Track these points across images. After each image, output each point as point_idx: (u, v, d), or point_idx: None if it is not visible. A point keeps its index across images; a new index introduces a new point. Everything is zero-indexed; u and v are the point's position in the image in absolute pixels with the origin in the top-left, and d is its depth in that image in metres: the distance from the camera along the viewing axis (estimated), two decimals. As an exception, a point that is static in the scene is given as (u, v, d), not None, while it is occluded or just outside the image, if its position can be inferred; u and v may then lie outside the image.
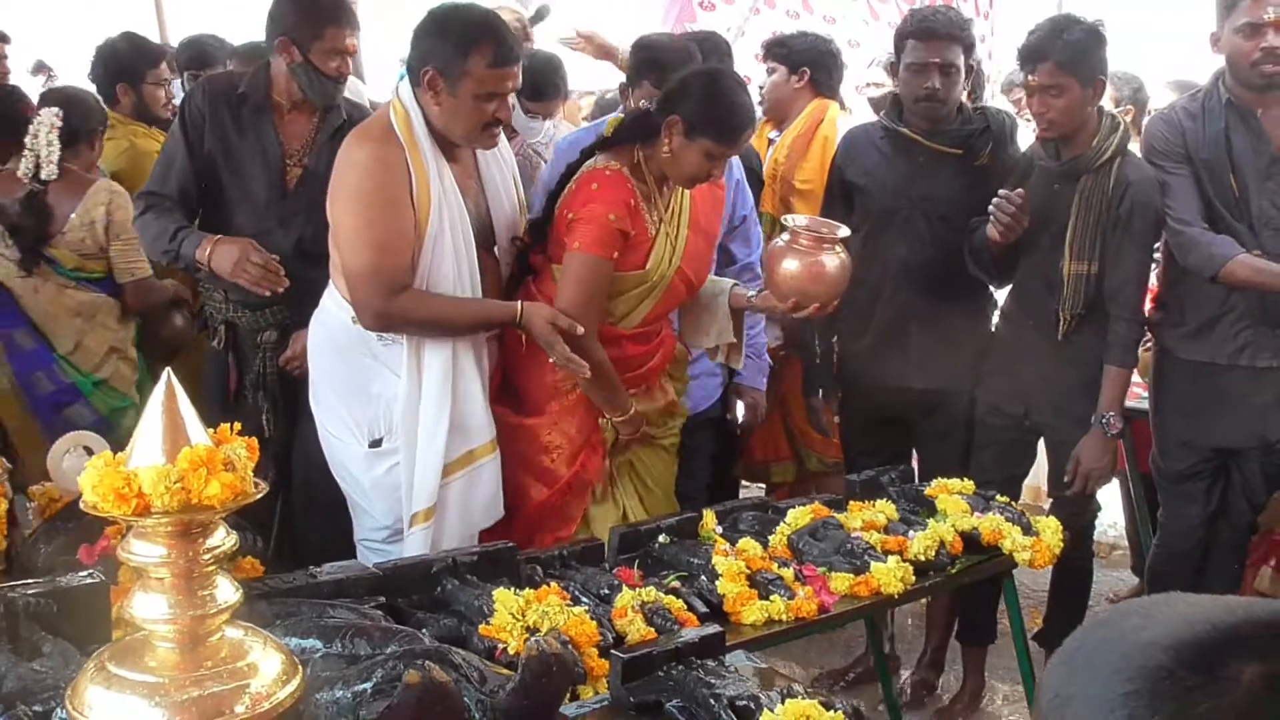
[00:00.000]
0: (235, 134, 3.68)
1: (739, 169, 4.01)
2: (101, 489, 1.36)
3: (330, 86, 3.64)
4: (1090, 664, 0.94)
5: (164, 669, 1.43)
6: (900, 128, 3.86)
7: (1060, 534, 3.13)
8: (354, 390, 3.27)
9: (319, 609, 2.18)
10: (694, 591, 2.60)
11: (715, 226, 3.58)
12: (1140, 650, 0.91)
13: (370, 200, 3.09)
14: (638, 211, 3.27)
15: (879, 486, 3.30)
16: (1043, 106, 3.54)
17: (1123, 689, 0.89)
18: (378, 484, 3.26)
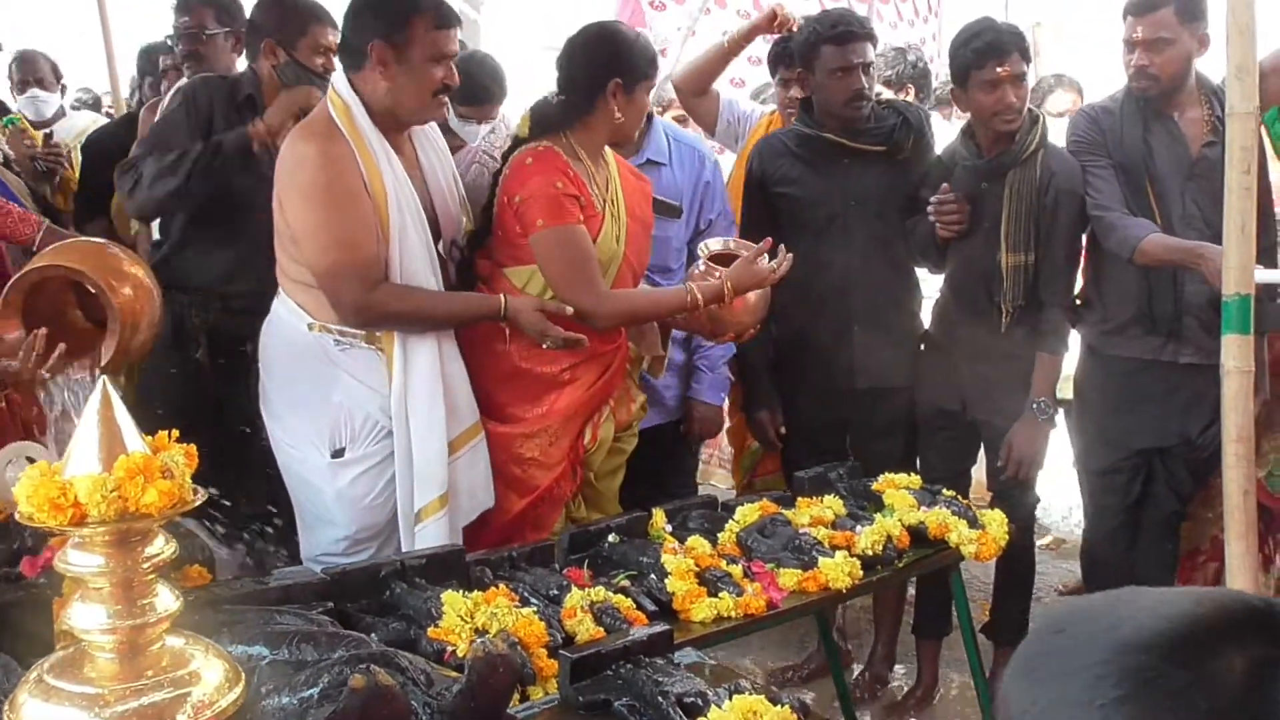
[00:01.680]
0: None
1: (709, 171, 3.98)
2: (36, 499, 1.35)
3: (320, 84, 3.60)
4: (1064, 671, 0.90)
5: (103, 679, 1.42)
6: (824, 133, 3.87)
7: (1005, 526, 3.17)
8: (313, 400, 3.16)
9: (266, 615, 2.17)
10: (643, 590, 2.61)
11: (648, 214, 3.52)
12: (1120, 652, 0.88)
13: (325, 198, 3.02)
14: (580, 181, 3.23)
15: (826, 483, 3.32)
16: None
17: (1111, 694, 0.86)
18: (341, 495, 3.16)
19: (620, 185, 3.38)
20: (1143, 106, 3.62)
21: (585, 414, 3.35)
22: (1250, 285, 2.86)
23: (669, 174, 3.93)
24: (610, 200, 3.32)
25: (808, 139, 3.90)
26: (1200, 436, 3.66)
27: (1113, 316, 3.74)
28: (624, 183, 3.40)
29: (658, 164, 3.93)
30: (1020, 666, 0.95)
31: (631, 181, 3.46)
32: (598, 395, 3.36)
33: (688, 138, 4.08)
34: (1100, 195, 3.61)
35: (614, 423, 3.44)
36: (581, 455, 3.38)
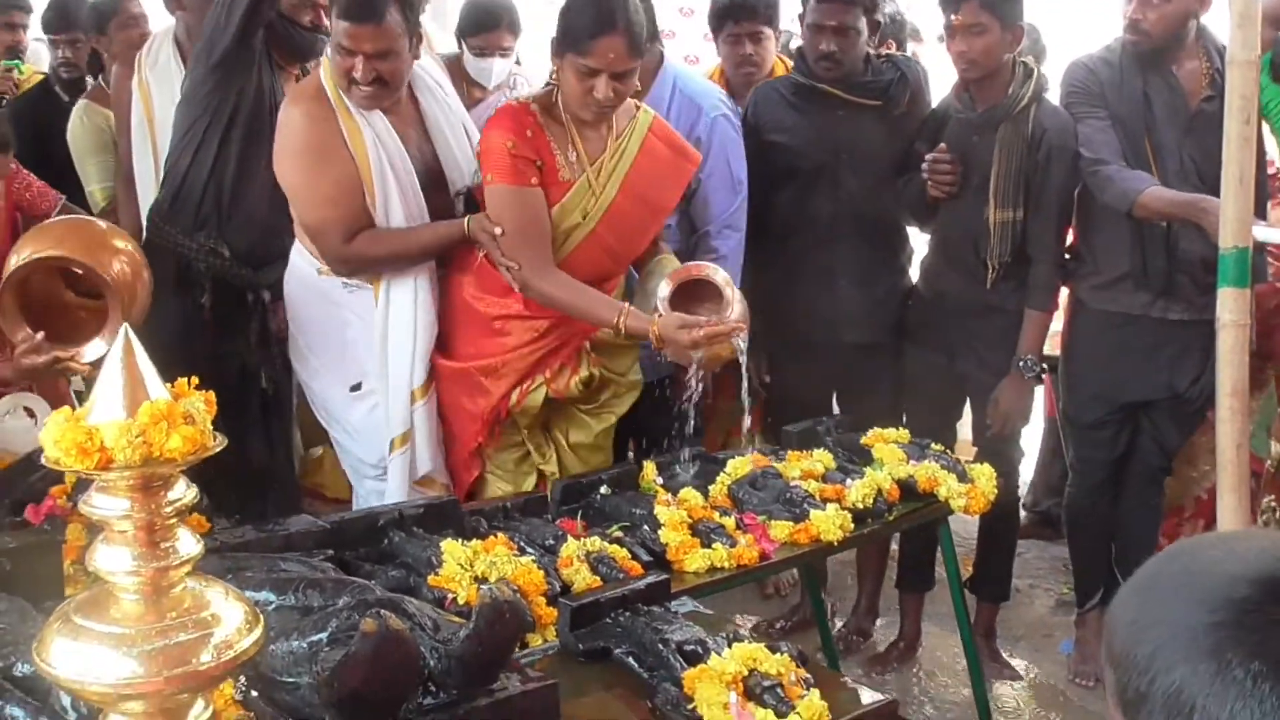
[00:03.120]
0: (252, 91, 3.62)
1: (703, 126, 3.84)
2: (64, 444, 1.38)
3: (310, 38, 3.67)
4: (1171, 594, 0.98)
5: (129, 620, 1.46)
6: (817, 84, 3.90)
7: (994, 480, 3.23)
8: (330, 339, 3.48)
9: (270, 562, 2.21)
10: (637, 541, 2.66)
11: (664, 198, 3.43)
12: (1225, 583, 0.95)
13: (304, 158, 3.26)
14: (542, 143, 3.21)
15: (816, 436, 3.37)
16: (964, 45, 3.63)
17: (1208, 619, 0.93)
18: (362, 425, 3.47)
19: (629, 161, 3.31)
20: (1141, 59, 3.65)
21: (514, 374, 3.35)
22: (1248, 238, 2.91)
23: None
24: (597, 172, 3.28)
25: (802, 88, 3.94)
26: (1189, 390, 3.73)
27: (1104, 271, 3.79)
28: (642, 160, 3.32)
29: None
30: (1135, 583, 1.03)
31: (655, 163, 3.36)
32: (529, 358, 3.35)
33: (694, 89, 3.92)
34: (1097, 148, 3.64)
35: (546, 390, 3.37)
36: (504, 415, 3.39)
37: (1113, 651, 1.00)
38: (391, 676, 1.76)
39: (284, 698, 1.87)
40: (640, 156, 3.32)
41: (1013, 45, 3.65)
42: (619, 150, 3.31)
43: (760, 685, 1.99)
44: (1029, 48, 5.23)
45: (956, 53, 3.68)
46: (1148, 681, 0.94)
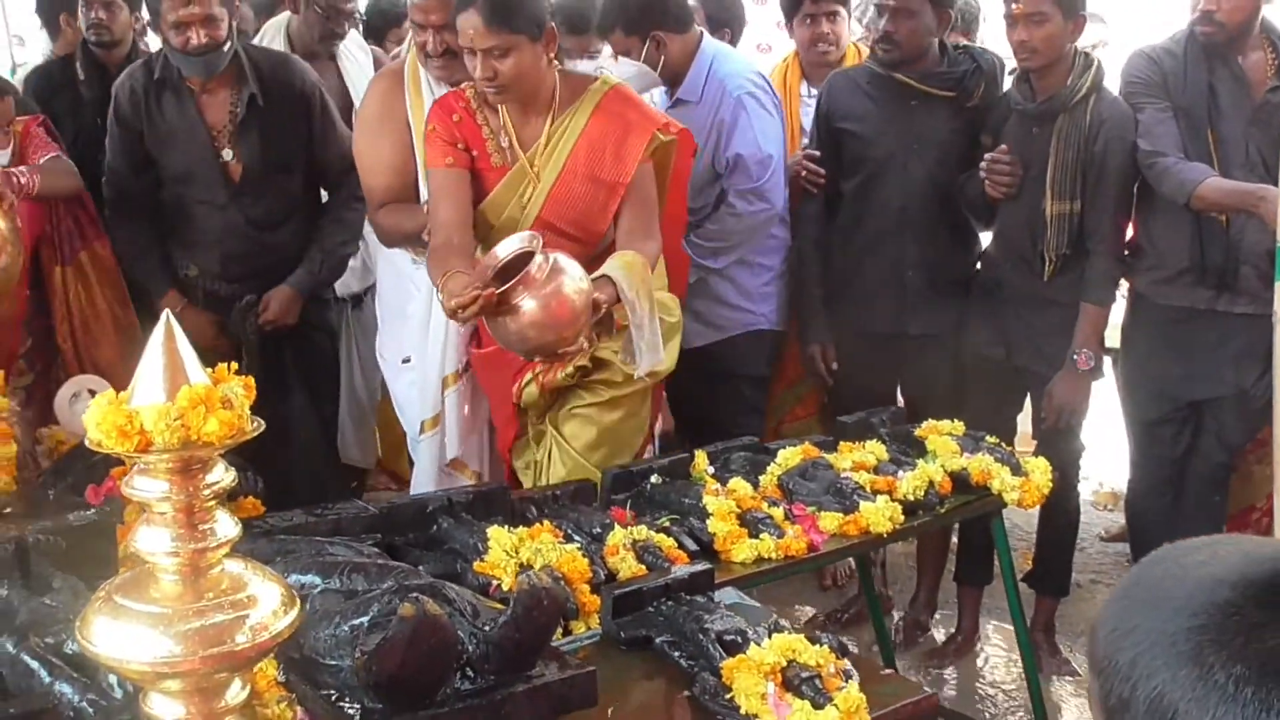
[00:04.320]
0: (161, 119, 3.78)
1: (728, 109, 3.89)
2: (105, 426, 1.42)
3: (194, 62, 3.64)
4: (1152, 599, 0.96)
5: (168, 600, 1.49)
6: (894, 73, 3.88)
7: (1049, 474, 3.20)
8: (394, 308, 3.67)
9: (317, 546, 2.25)
10: (685, 530, 2.67)
11: (619, 171, 3.15)
12: (1205, 586, 0.93)
13: (366, 126, 3.55)
14: (470, 129, 3.16)
15: (869, 428, 3.35)
16: (1025, 34, 3.59)
17: (1188, 623, 0.91)
18: (404, 399, 3.67)
19: (572, 141, 3.15)
20: (1207, 50, 3.59)
21: (509, 365, 3.25)
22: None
23: (696, 111, 3.93)
24: (533, 157, 3.16)
25: (877, 77, 3.92)
26: (1255, 386, 3.66)
27: (1164, 265, 3.73)
28: (589, 137, 3.15)
29: (687, 103, 3.96)
30: (1117, 592, 1.02)
31: (607, 136, 3.15)
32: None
33: (726, 70, 3.95)
34: (1156, 139, 3.59)
35: (536, 386, 3.22)
36: (512, 410, 3.33)
37: (1095, 658, 0.99)
38: (428, 661, 1.78)
39: (326, 680, 1.90)
40: (587, 133, 3.16)
41: (1074, 35, 3.60)
42: (560, 130, 3.16)
43: (799, 676, 1.99)
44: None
45: (1017, 41, 3.64)
46: (1130, 688, 0.93)
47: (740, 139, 3.90)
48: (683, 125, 3.80)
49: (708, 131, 3.92)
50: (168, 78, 3.76)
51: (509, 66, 3.01)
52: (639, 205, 3.17)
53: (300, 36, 4.49)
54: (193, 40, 3.58)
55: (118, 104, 3.83)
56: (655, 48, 3.90)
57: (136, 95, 3.79)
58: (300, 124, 3.88)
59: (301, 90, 3.87)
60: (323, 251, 3.98)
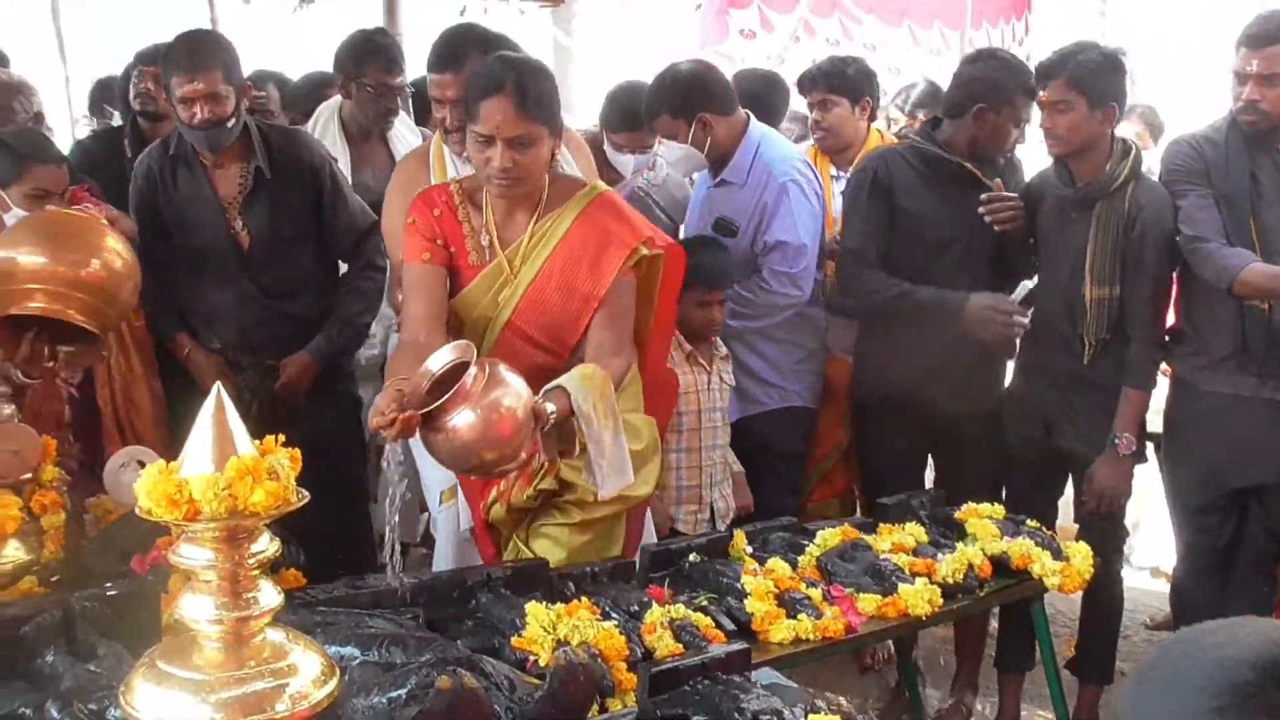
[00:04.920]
0: (175, 193, 3.88)
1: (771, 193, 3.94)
2: (155, 495, 1.46)
3: (199, 136, 3.75)
4: (1172, 681, 0.96)
5: (210, 667, 1.52)
6: (952, 157, 3.89)
7: (1090, 559, 3.18)
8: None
9: (357, 619, 2.27)
10: (723, 609, 2.67)
11: (590, 283, 2.98)
12: (1225, 667, 0.93)
13: (388, 205, 3.57)
14: (450, 225, 3.02)
15: (909, 510, 3.35)
16: (1050, 122, 3.65)
17: (1208, 704, 0.91)
18: (424, 468, 3.50)
19: (553, 244, 3.00)
20: (1248, 138, 3.61)
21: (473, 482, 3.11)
22: None
23: (740, 194, 3.99)
24: (511, 256, 3.00)
25: (929, 157, 3.93)
26: None
27: (1207, 351, 3.71)
28: (570, 242, 2.99)
29: (731, 184, 4.01)
30: (1136, 675, 1.02)
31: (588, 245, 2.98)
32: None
33: (773, 156, 4.01)
34: (1197, 225, 3.59)
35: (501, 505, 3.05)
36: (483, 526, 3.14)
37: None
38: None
39: (364, 751, 1.91)
40: (568, 239, 2.99)
41: (1103, 123, 3.63)
42: (542, 232, 3.00)
43: (835, 758, 1.98)
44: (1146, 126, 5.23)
45: (1044, 128, 3.71)
46: None
47: (781, 225, 3.94)
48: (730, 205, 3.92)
49: (750, 214, 3.97)
50: (181, 153, 3.88)
51: (529, 158, 2.87)
52: (612, 319, 2.99)
53: (354, 119, 4.60)
54: (198, 115, 3.69)
55: (136, 180, 3.96)
56: (701, 130, 3.95)
57: (153, 171, 3.91)
58: (309, 195, 3.96)
59: (310, 163, 3.96)
60: (340, 320, 4.04)
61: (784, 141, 4.29)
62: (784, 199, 3.96)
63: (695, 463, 3.77)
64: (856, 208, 4.01)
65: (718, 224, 3.98)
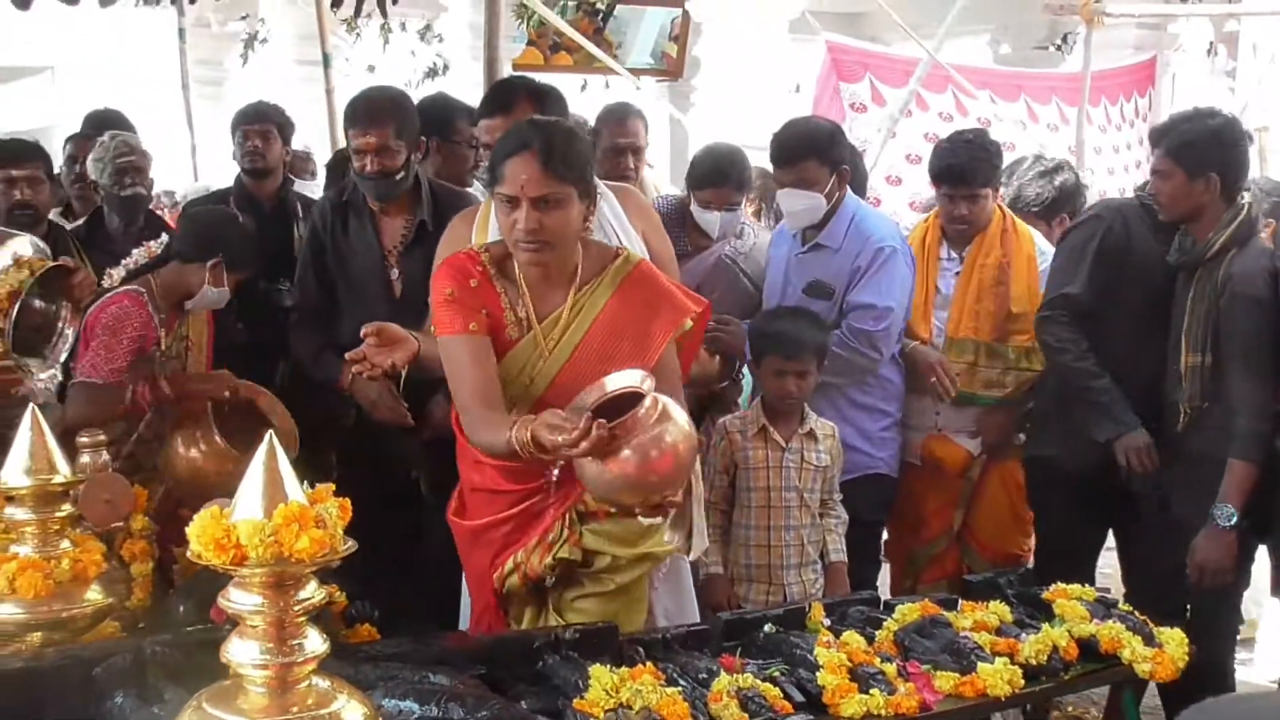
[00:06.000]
0: (343, 238, 4.03)
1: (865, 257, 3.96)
2: (204, 539, 1.50)
3: (369, 185, 3.92)
4: None
5: (254, 711, 1.55)
6: None
7: (1185, 647, 3.06)
8: None
9: (420, 674, 2.28)
10: (793, 681, 2.63)
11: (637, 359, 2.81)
12: None
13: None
14: (489, 294, 2.87)
15: (995, 588, 3.27)
16: (1155, 189, 3.68)
17: None
18: None
19: (591, 317, 2.88)
20: None
21: (492, 545, 2.94)
22: None
23: (836, 258, 4.02)
24: (548, 330, 2.87)
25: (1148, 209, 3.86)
26: None
27: None
28: (609, 315, 2.88)
29: (826, 247, 4.03)
30: None
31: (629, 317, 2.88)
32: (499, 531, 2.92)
33: (870, 225, 4.07)
34: None
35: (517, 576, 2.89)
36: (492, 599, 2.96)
37: None
38: (512, 792, 1.79)
39: (416, 806, 1.93)
40: (607, 312, 2.87)
41: (1204, 193, 3.57)
42: (578, 305, 2.88)
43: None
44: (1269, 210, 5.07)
45: (1152, 193, 3.72)
46: None
47: (871, 287, 3.96)
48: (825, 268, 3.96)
49: (844, 277, 4.00)
50: (353, 200, 4.06)
51: (556, 221, 2.76)
52: (665, 383, 2.79)
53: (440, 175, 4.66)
54: (368, 166, 3.87)
55: (311, 223, 4.19)
56: (838, 182, 4.01)
57: (325, 215, 4.11)
58: None
59: None
60: None
61: (883, 215, 4.29)
62: (878, 263, 3.98)
63: (764, 541, 3.71)
64: (1083, 256, 3.90)
65: (812, 287, 4.00)
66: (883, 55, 8.03)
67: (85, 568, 2.34)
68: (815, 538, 3.74)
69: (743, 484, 3.70)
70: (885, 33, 10.35)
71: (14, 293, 3.04)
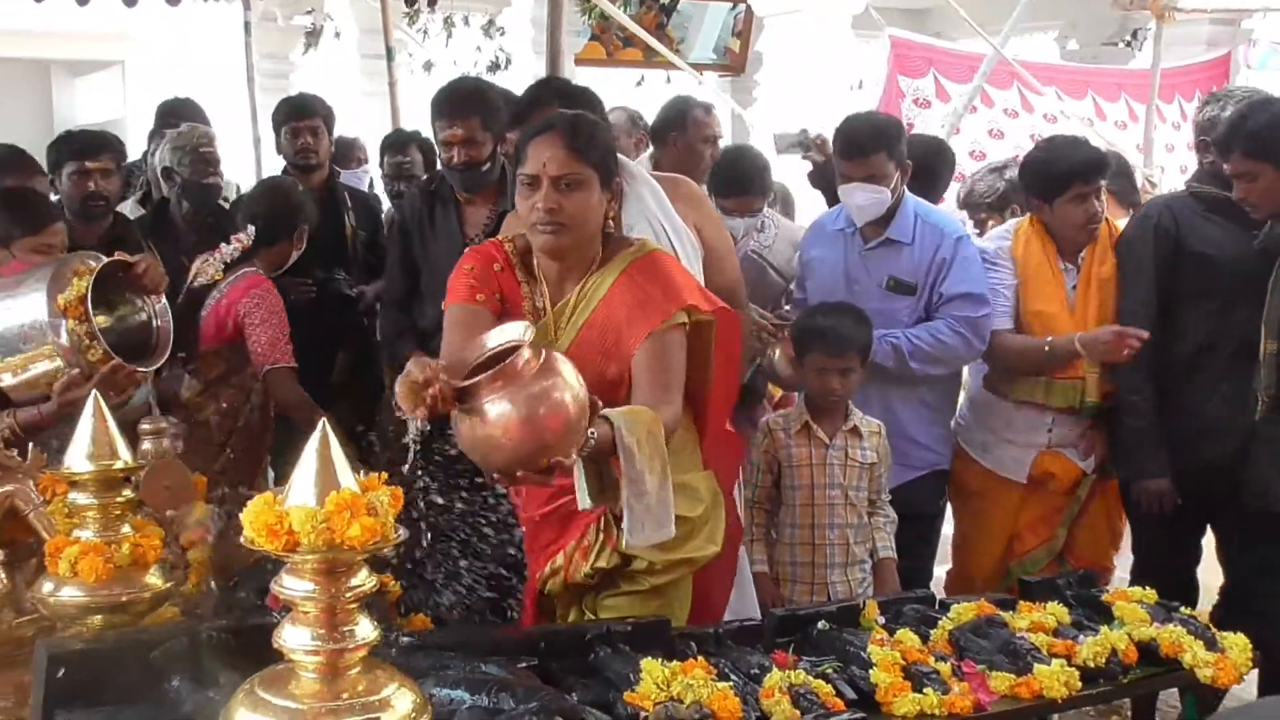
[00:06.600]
0: (429, 227, 4.13)
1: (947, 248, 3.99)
2: (257, 525, 1.51)
3: (455, 176, 4.02)
4: None
5: (305, 697, 1.56)
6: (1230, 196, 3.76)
7: (1249, 651, 3.00)
8: None
9: (472, 664, 2.30)
10: (845, 678, 2.61)
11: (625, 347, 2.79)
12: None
13: None
14: (509, 281, 2.88)
15: (1054, 589, 3.23)
16: (1242, 192, 3.60)
17: None
18: None
19: (592, 305, 2.85)
20: None
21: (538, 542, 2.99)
22: None
23: (910, 253, 4.02)
24: (558, 317, 2.86)
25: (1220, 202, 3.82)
26: None
27: None
28: (608, 304, 2.84)
29: (898, 243, 4.03)
30: None
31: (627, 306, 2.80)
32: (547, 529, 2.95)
33: (935, 217, 4.12)
34: None
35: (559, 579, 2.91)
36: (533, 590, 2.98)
37: None
38: (558, 782, 1.79)
39: (466, 795, 1.94)
40: (607, 301, 2.84)
41: None
42: (585, 294, 2.86)
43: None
44: None
45: (1238, 199, 3.65)
46: None
47: (961, 275, 3.99)
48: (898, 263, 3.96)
49: (926, 270, 4.00)
50: (440, 190, 4.19)
51: (575, 203, 2.75)
52: (657, 372, 2.76)
53: None
54: (455, 158, 3.97)
55: (400, 212, 4.34)
56: (902, 176, 4.03)
57: (415, 205, 4.24)
58: None
59: None
60: None
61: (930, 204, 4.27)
62: (962, 253, 4.01)
63: (809, 539, 3.68)
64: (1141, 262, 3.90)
65: (894, 284, 4.01)
66: (947, 50, 7.95)
67: (145, 552, 2.37)
68: (861, 538, 3.71)
69: (786, 482, 3.68)
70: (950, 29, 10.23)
71: (81, 297, 3.11)
